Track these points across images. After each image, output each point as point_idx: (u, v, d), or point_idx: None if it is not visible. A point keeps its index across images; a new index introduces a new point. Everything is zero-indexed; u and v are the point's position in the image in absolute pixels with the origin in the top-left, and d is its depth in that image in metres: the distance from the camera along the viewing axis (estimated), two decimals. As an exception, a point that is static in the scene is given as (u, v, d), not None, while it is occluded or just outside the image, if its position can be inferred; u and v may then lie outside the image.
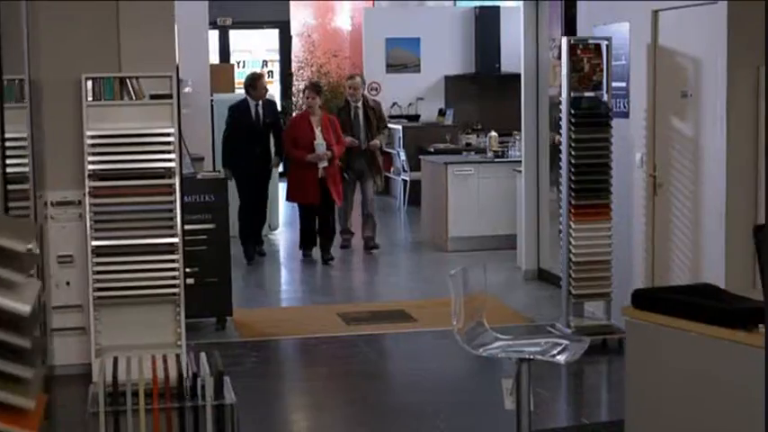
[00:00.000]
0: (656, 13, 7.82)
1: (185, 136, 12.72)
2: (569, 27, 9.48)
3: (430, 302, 9.35)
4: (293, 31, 19.27)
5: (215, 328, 8.73)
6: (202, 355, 5.54)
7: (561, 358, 4.43)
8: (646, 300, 3.75)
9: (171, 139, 6.99)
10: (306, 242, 11.75)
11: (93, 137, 6.95)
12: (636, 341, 3.80)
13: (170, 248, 6.99)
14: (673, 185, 7.71)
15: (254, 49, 19.87)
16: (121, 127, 6.99)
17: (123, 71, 7.22)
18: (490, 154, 12.53)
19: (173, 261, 6.99)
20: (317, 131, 11.16)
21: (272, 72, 19.79)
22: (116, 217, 6.99)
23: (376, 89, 16.53)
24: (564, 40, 8.13)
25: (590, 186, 8.04)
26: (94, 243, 6.96)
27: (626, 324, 3.80)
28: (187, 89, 12.83)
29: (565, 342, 4.59)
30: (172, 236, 6.99)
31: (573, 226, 7.99)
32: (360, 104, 12.02)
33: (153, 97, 7.12)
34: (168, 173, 6.98)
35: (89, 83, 7.00)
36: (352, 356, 8.03)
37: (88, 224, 6.94)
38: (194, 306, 8.48)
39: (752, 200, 6.99)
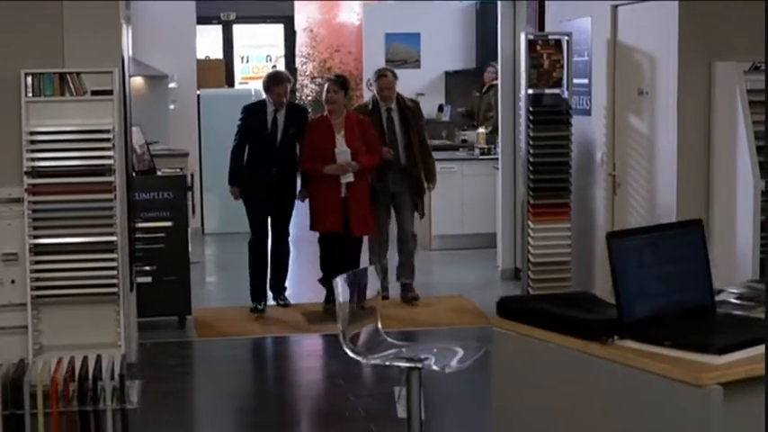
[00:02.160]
0: (615, 8, 7.63)
1: (171, 131, 12.76)
2: (541, 24, 9.31)
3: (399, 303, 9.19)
4: (298, 26, 19.14)
5: (176, 327, 8.61)
6: (114, 358, 5.42)
7: (447, 366, 4.29)
8: (510, 309, 3.59)
9: (110, 135, 6.87)
10: (327, 280, 8.71)
11: (31, 133, 6.85)
12: (501, 351, 3.64)
13: (109, 247, 6.88)
14: (630, 185, 7.52)
15: (257, 44, 19.76)
16: (62, 123, 6.88)
17: (67, 67, 7.10)
18: (476, 151, 12.35)
19: (112, 260, 6.88)
20: (339, 136, 8.52)
21: (275, 67, 19.67)
22: (55, 215, 6.88)
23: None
24: (522, 36, 7.97)
25: (549, 185, 7.89)
26: (33, 241, 6.87)
27: (492, 334, 3.64)
28: (172, 84, 12.78)
29: (460, 350, 4.44)
30: (111, 234, 6.87)
31: (531, 226, 7.83)
32: (394, 106, 8.98)
33: (94, 93, 6.99)
34: (108, 170, 6.87)
35: (29, 78, 6.90)
36: (301, 357, 7.90)
37: (26, 222, 6.84)
38: (152, 305, 8.43)
39: (703, 199, 6.80)
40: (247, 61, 19.14)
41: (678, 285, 3.42)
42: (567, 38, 7.95)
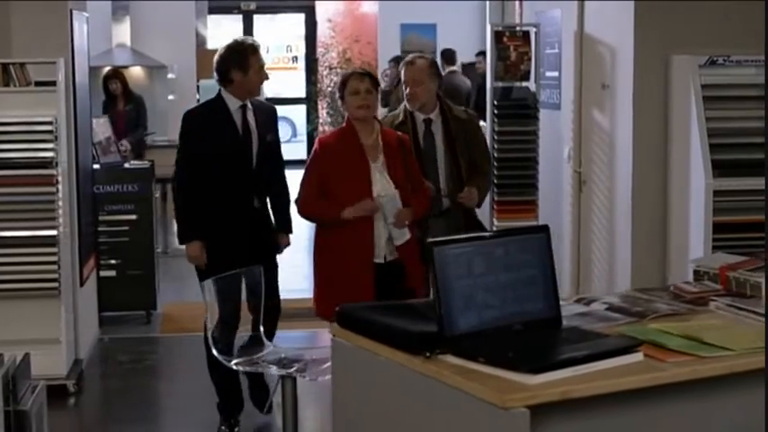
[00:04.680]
0: (582, -1, 7.37)
1: (171, 122, 12.63)
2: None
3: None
4: (318, 16, 18.96)
5: (143, 322, 8.48)
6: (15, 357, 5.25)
7: (321, 375, 4.10)
8: (347, 318, 3.38)
9: (51, 128, 6.72)
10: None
11: (-29, 125, 6.74)
12: (338, 362, 3.44)
13: (50, 241, 6.73)
14: (593, 182, 7.26)
15: (278, 34, 19.64)
16: (3, 115, 6.74)
17: (15, 57, 6.97)
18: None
19: (53, 254, 6.74)
20: (377, 168, 5.26)
21: (296, 57, 19.55)
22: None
23: (388, 76, 16.15)
24: (488, 28, 7.72)
25: (515, 182, 7.64)
26: (-28, 234, 6.76)
27: (331, 343, 3.43)
28: (170, 75, 12.66)
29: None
30: (52, 228, 6.73)
31: (496, 224, 7.58)
32: (436, 116, 5.84)
33: (38, 84, 6.86)
34: (49, 163, 6.72)
35: (-31, 69, 6.78)
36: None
37: (-35, 215, 6.72)
38: (116, 299, 8.32)
39: (660, 198, 6.53)
40: (268, 51, 18.98)
41: (515, 297, 3.18)
42: (534, 29, 7.68)
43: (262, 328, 4.54)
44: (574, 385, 2.85)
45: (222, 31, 18.46)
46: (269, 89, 19.14)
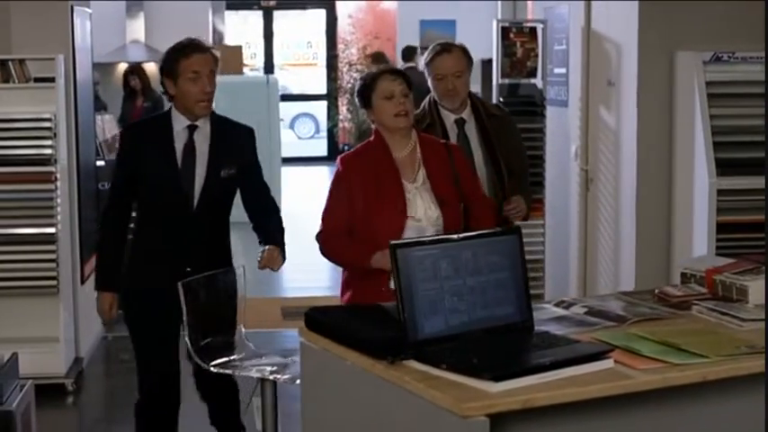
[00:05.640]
0: (588, -6, 7.25)
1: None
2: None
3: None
4: (339, 12, 18.91)
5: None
6: (2, 356, 5.22)
7: (282, 377, 4.02)
8: (314, 321, 3.30)
9: (50, 125, 6.67)
10: None
11: (-31, 122, 6.71)
12: (308, 365, 3.36)
13: (49, 239, 6.69)
14: (600, 181, 7.14)
15: (299, 30, 19.59)
16: (2, 111, 6.71)
17: (14, 53, 6.93)
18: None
19: (51, 252, 6.69)
20: (414, 186, 4.30)
21: (316, 54, 19.48)
22: (-4, 205, 6.74)
23: (407, 73, 16.07)
24: (494, 23, 7.61)
25: (521, 180, 7.49)
26: (-30, 232, 6.73)
27: (300, 346, 3.35)
28: (185, 71, 12.60)
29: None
30: (51, 225, 6.69)
31: (501, 222, 7.46)
32: (468, 115, 5.00)
33: (37, 81, 6.82)
34: (48, 159, 6.68)
35: (-32, 65, 6.75)
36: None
37: (-37, 212, 6.68)
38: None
39: (665, 197, 6.40)
40: (289, 48, 18.96)
41: (484, 301, 3.09)
42: (542, 25, 7.56)
43: (243, 329, 4.45)
44: (537, 393, 2.76)
45: (242, 27, 18.46)
46: (291, 85, 19.16)
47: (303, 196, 14.83)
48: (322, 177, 16.96)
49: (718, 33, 6.19)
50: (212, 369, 4.12)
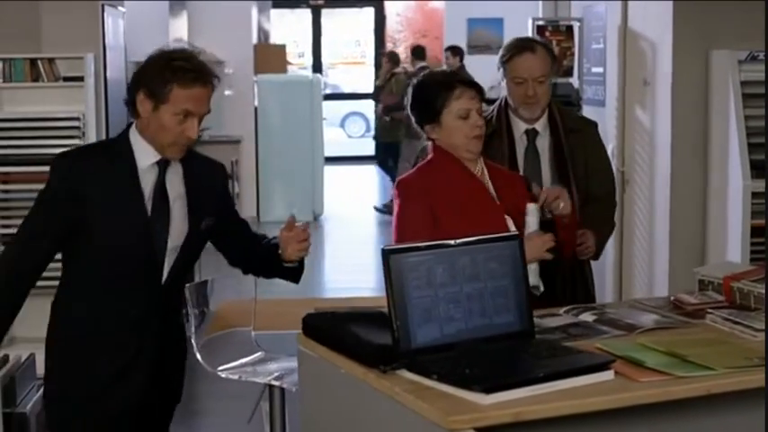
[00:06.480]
0: (626, -9, 7.10)
1: (226, 118, 12.57)
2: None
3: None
4: (387, 11, 18.83)
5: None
6: (19, 357, 5.19)
7: (284, 383, 3.95)
8: (311, 327, 3.21)
9: (79, 124, 6.65)
10: None
11: (1, 120, 6.70)
12: (305, 372, 3.28)
13: (76, 238, 6.62)
14: (635, 182, 7.00)
15: (347, 28, 19.54)
16: (32, 110, 6.71)
17: (44, 52, 6.91)
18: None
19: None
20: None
21: (365, 52, 19.41)
22: (25, 204, 6.67)
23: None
24: (530, 22, 7.49)
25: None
26: (2, 231, 6.70)
27: (297, 353, 3.28)
28: (228, 70, 12.60)
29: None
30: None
31: (535, 224, 7.33)
32: (542, 127, 4.22)
33: (66, 80, 6.80)
34: (77, 159, 6.62)
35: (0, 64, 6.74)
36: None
37: (-7, 211, 6.65)
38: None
39: (700, 198, 6.25)
40: (336, 46, 18.91)
41: (482, 309, 2.98)
42: (578, 24, 7.43)
43: (253, 333, 4.38)
44: (529, 406, 2.66)
45: (289, 26, 18.43)
46: (342, 83, 19.11)
47: (346, 197, 14.78)
48: (367, 177, 16.89)
49: (753, 32, 6.00)
50: (220, 373, 4.05)
